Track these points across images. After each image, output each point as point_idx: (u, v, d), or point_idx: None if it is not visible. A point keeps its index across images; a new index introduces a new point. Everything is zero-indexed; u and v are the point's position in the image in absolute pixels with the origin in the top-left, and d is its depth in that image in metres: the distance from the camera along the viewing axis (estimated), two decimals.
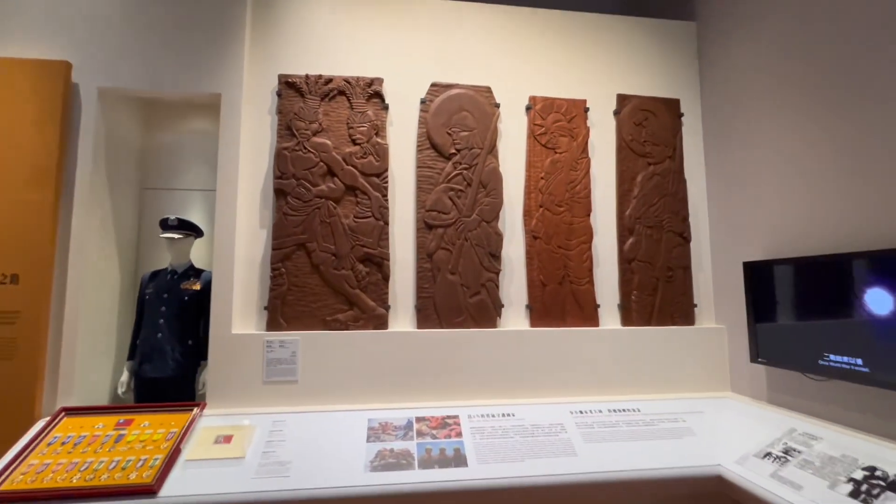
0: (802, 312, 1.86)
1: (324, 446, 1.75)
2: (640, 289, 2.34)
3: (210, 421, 1.85)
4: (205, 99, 2.15)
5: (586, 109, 2.41)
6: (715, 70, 2.45)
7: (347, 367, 2.03)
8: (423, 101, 2.28)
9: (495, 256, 2.24)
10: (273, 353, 2.00)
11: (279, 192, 2.12)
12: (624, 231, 2.37)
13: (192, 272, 2.30)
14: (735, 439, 1.88)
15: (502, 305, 2.23)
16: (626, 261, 2.35)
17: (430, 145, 2.26)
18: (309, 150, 2.14)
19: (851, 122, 1.74)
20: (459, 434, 1.85)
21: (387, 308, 2.13)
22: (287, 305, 2.06)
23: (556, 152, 2.36)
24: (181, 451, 1.68)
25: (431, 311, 2.16)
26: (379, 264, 2.15)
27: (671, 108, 2.50)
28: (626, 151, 2.42)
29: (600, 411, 2.04)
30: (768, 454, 1.70)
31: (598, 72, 2.47)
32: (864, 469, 1.46)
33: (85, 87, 2.02)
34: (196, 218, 2.50)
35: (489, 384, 2.12)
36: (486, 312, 2.20)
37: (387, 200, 2.18)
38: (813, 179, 1.90)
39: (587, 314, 2.28)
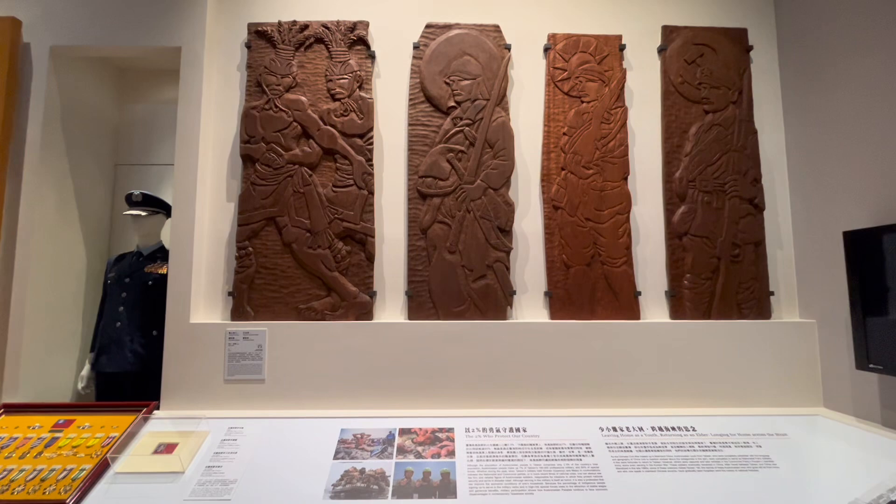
0: None
1: (281, 462, 1.41)
2: (694, 271, 1.82)
3: (158, 425, 1.57)
4: (169, 57, 1.88)
5: (622, 47, 1.92)
6: None
7: (322, 365, 1.69)
8: (416, 47, 1.89)
9: (505, 231, 1.81)
10: (236, 347, 1.69)
11: (246, 159, 1.81)
12: (673, 198, 1.86)
13: (161, 254, 2.04)
14: (836, 477, 1.34)
15: (514, 292, 1.80)
16: (675, 236, 1.84)
17: (425, 98, 1.86)
18: (281, 109, 1.82)
19: None
20: (451, 453, 1.45)
21: (372, 295, 1.77)
22: (255, 291, 1.75)
23: (582, 101, 1.89)
24: (113, 461, 1.40)
25: (426, 299, 1.77)
26: (362, 242, 1.79)
27: (736, 39, 1.94)
28: (675, 97, 1.90)
29: (641, 429, 1.56)
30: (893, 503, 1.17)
31: (634, 1, 1.97)
32: None
33: (36, 46, 1.81)
34: (170, 195, 2.25)
35: (495, 390, 1.70)
36: (493, 300, 1.78)
37: (372, 166, 1.81)
38: None
39: (624, 304, 1.80)
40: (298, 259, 1.76)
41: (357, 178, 1.80)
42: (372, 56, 1.88)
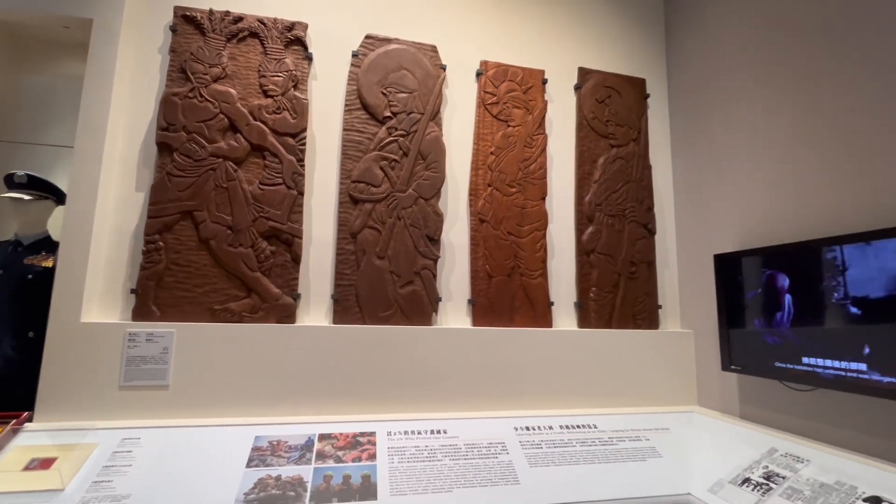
0: (781, 310, 1.60)
1: (185, 474, 1.30)
2: (599, 285, 2.04)
3: (31, 438, 1.36)
4: (77, 28, 1.70)
5: (544, 81, 2.13)
6: (683, 50, 2.24)
7: (237, 370, 1.59)
8: (354, 55, 1.92)
9: (433, 240, 1.88)
10: (137, 350, 1.53)
11: (163, 147, 1.68)
12: (583, 219, 2.07)
13: (46, 246, 1.80)
14: (706, 462, 1.57)
15: (439, 299, 1.86)
16: (584, 252, 2.05)
17: (361, 106, 1.89)
18: (207, 99, 1.73)
19: (827, 103, 1.52)
20: (373, 456, 1.45)
21: (296, 297, 1.72)
22: (163, 289, 1.61)
23: (508, 125, 2.05)
24: None
25: (352, 303, 1.77)
26: (288, 243, 1.74)
27: (637, 87, 2.26)
28: (587, 130, 2.15)
29: (550, 428, 1.69)
30: (746, 480, 1.40)
31: (557, 42, 2.21)
32: (866, 500, 1.17)
33: None
34: (65, 180, 2.01)
35: (418, 394, 1.73)
36: (419, 306, 1.82)
37: (303, 166, 1.79)
38: (789, 164, 1.67)
39: (539, 312, 1.95)
40: (217, 257, 1.66)
41: (287, 177, 1.76)
42: (309, 58, 1.87)
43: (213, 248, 1.66)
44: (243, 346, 1.61)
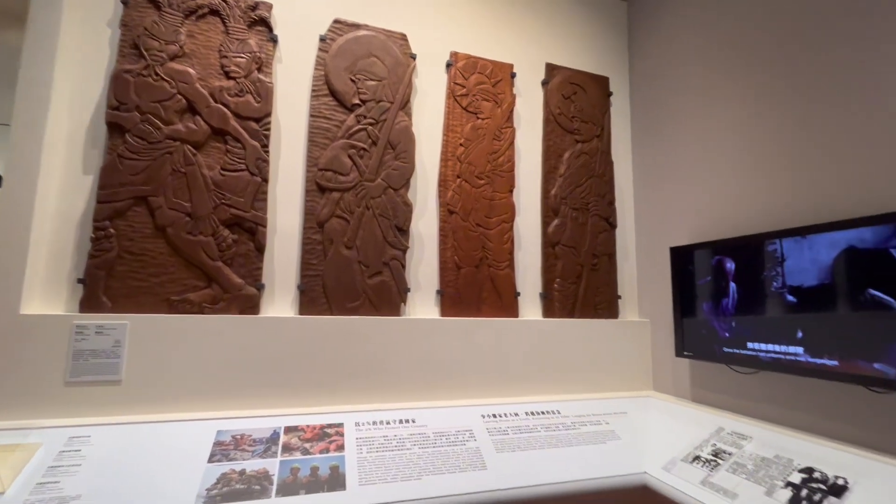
0: (727, 299, 1.71)
1: (141, 471, 1.24)
2: (563, 276, 2.10)
3: None
4: None
5: (513, 75, 2.16)
6: (644, 52, 2.33)
7: (197, 363, 1.53)
8: (322, 39, 1.87)
9: (402, 231, 1.87)
10: (85, 343, 1.44)
11: (114, 127, 1.57)
12: (548, 212, 2.13)
13: None
14: (661, 442, 1.66)
15: (408, 289, 1.86)
16: (549, 244, 2.10)
17: (329, 92, 1.85)
18: (163, 78, 1.63)
19: (774, 108, 1.64)
20: (341, 447, 1.44)
21: (259, 287, 1.67)
22: (115, 279, 1.52)
23: (478, 118, 2.06)
24: None
25: (319, 294, 1.73)
26: (252, 231, 1.68)
27: (601, 85, 2.33)
28: (554, 125, 2.20)
29: (516, 414, 1.74)
30: (697, 458, 1.50)
31: (526, 37, 2.24)
32: (801, 471, 1.28)
33: None
34: (2, 160, 1.84)
35: (387, 384, 1.73)
36: (388, 297, 1.82)
37: (267, 152, 1.73)
38: (739, 163, 1.78)
39: (506, 303, 1.99)
40: (174, 245, 1.58)
41: (250, 163, 1.70)
42: (274, 40, 1.80)
43: (171, 236, 1.58)
44: (204, 338, 1.55)
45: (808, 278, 1.44)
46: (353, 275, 1.78)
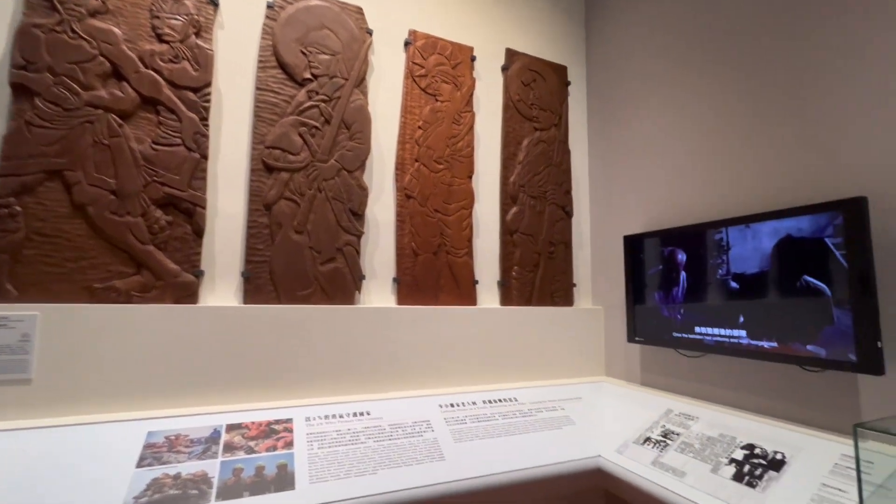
0: (677, 285, 1.77)
1: (54, 480, 1.10)
2: (521, 264, 2.09)
3: None
4: None
5: (473, 58, 2.10)
6: (600, 42, 2.36)
7: (125, 358, 1.38)
8: (270, 6, 1.72)
9: (357, 215, 1.78)
10: None
11: (20, 90, 1.37)
12: (507, 199, 2.11)
13: None
14: (614, 426, 1.70)
15: (363, 277, 1.78)
16: (508, 232, 2.09)
17: (278, 64, 1.71)
18: (81, 36, 1.44)
19: (723, 99, 1.70)
20: (290, 444, 1.35)
21: (198, 274, 1.52)
22: (22, 263, 1.33)
23: (437, 100, 2.00)
24: None
25: (266, 281, 1.61)
26: (189, 212, 1.53)
27: (559, 73, 2.33)
28: (513, 112, 2.18)
29: (474, 403, 1.71)
30: (648, 439, 1.54)
31: (487, 20, 2.19)
32: (743, 448, 1.34)
33: None
34: None
35: (341, 376, 1.64)
36: (342, 284, 1.72)
37: (207, 126, 1.57)
38: (689, 154, 1.83)
39: (464, 291, 1.96)
40: (96, 226, 1.41)
41: (187, 137, 1.54)
42: (214, 3, 1.64)
43: (92, 216, 1.40)
44: (133, 330, 1.39)
45: (750, 266, 1.50)
46: (304, 261, 1.67)
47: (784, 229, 1.41)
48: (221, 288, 1.58)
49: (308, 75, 1.75)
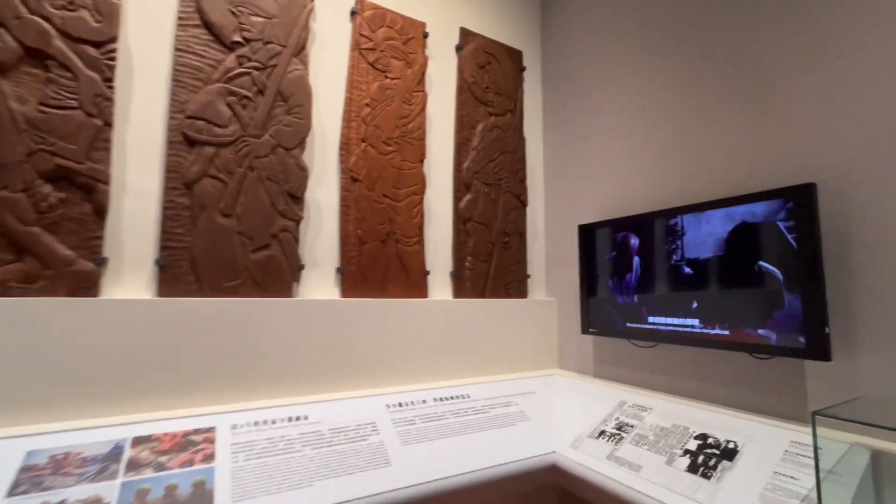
0: (630, 273, 1.74)
1: None
2: (475, 255, 2.00)
3: None
4: None
5: (425, 35, 1.98)
6: (556, 28, 2.31)
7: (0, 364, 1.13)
8: None
9: (296, 198, 1.60)
10: None
11: None
12: (461, 186, 2.00)
13: None
14: (568, 420, 1.65)
15: (302, 266, 1.61)
16: (461, 220, 1.98)
17: (202, 23, 1.50)
18: None
19: (681, 86, 1.68)
20: (210, 457, 1.17)
21: (99, 262, 1.29)
22: None
23: (387, 77, 1.85)
24: None
25: (185, 270, 1.41)
26: (88, 189, 1.29)
27: (514, 58, 2.26)
28: (468, 94, 2.07)
29: (424, 401, 1.60)
30: (602, 432, 1.50)
31: None
32: (696, 438, 1.32)
33: None
34: None
35: (274, 377, 1.47)
36: (277, 275, 1.54)
37: (112, 88, 1.34)
38: (644, 142, 1.81)
39: (414, 282, 1.83)
40: None
41: (85, 100, 1.30)
42: None
43: None
44: (11, 329, 1.15)
45: (704, 251, 1.49)
46: (233, 248, 1.48)
47: (738, 214, 1.41)
48: (130, 278, 1.36)
49: (238, 38, 1.54)
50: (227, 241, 1.47)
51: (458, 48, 2.08)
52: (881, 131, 1.16)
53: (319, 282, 1.65)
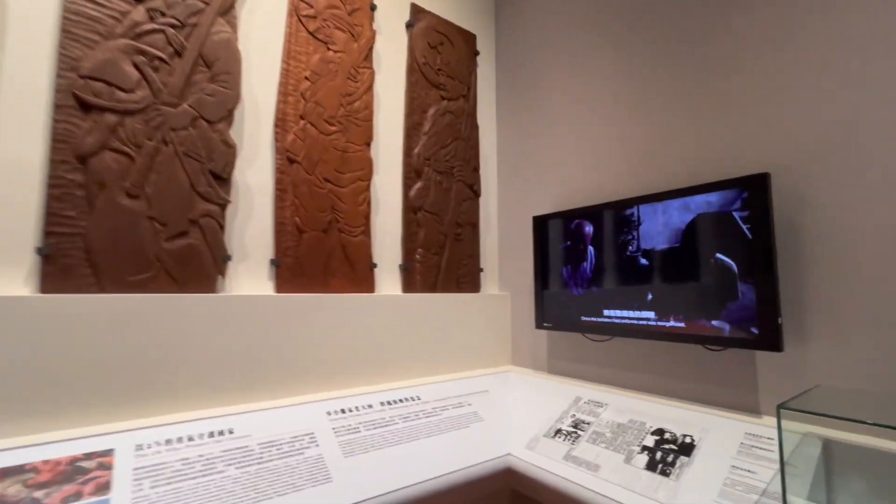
0: (586, 263, 1.70)
1: None
2: (426, 247, 1.88)
3: None
4: None
5: (373, 7, 1.81)
6: (511, 13, 2.23)
7: None
8: None
9: (221, 179, 1.40)
10: None
11: None
12: (411, 172, 1.87)
13: None
14: (522, 419, 1.57)
15: (229, 257, 1.40)
16: (411, 210, 1.85)
17: None
18: None
19: (641, 75, 1.66)
20: (105, 487, 0.96)
21: None
22: None
23: (329, 49, 1.67)
24: None
25: (79, 261, 1.17)
26: None
27: (468, 41, 2.15)
28: (419, 76, 1.94)
29: (370, 406, 1.46)
30: (559, 431, 1.43)
31: None
32: (653, 434, 1.28)
33: None
34: None
35: (191, 386, 1.26)
36: (197, 267, 1.33)
37: None
38: (601, 133, 1.78)
39: (360, 275, 1.68)
40: None
41: None
42: None
43: None
44: None
45: (660, 241, 1.46)
46: (141, 235, 1.25)
47: (695, 204, 1.39)
48: (6, 272, 1.10)
49: None
50: (134, 226, 1.24)
51: (409, 25, 1.94)
52: (832, 123, 1.17)
53: (250, 275, 1.45)
